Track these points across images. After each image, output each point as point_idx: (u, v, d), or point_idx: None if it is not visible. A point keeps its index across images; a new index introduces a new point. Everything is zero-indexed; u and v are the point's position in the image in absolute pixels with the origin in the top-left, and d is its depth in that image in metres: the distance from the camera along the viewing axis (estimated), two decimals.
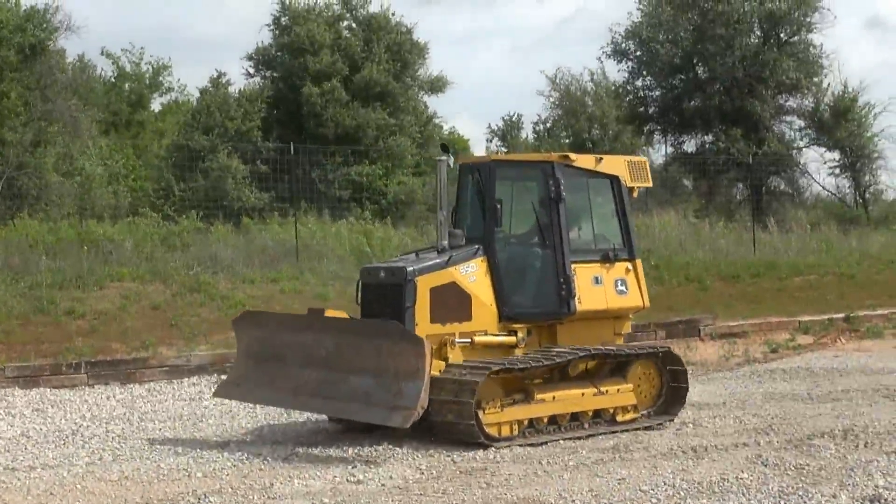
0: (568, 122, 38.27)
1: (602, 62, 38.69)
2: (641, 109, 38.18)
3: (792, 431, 11.71)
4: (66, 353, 16.25)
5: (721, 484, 9.30)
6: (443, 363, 11.57)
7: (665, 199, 32.82)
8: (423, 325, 11.65)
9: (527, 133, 43.66)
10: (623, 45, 37.63)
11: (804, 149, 37.76)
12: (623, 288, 12.95)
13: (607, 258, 12.84)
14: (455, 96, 74.68)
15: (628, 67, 37.96)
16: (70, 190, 28.76)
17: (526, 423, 11.64)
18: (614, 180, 13.01)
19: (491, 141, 46.64)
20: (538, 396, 11.74)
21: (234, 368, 12.90)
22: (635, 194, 13.31)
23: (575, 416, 12.03)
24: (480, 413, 11.20)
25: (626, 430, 12.04)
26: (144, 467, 10.52)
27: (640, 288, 13.11)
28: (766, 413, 12.99)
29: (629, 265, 13.01)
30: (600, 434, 11.88)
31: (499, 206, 12.25)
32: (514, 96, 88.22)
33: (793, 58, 35.62)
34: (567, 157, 12.79)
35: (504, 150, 40.31)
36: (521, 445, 11.31)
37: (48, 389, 15.43)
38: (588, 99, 38.31)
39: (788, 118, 37.47)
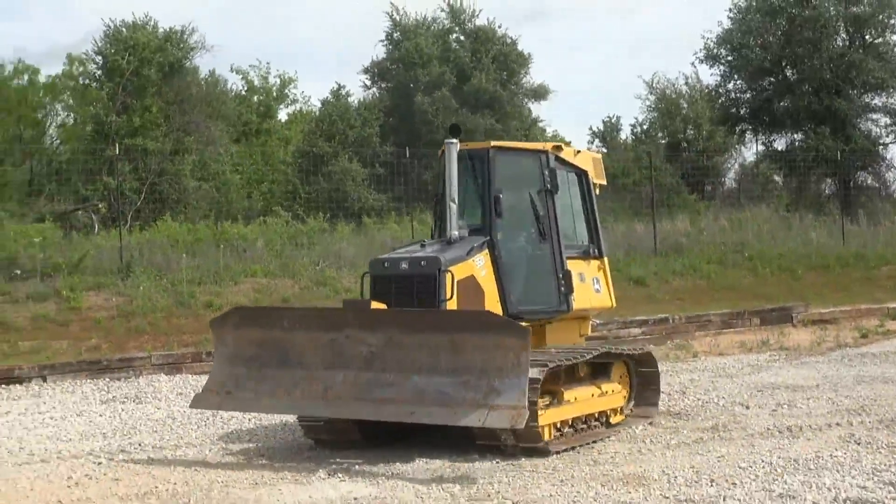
0: (664, 123, 37.86)
1: (696, 67, 38.25)
2: (734, 111, 37.83)
3: (883, 412, 11.45)
4: (206, 342, 16.54)
5: (816, 461, 9.13)
6: None
7: (756, 195, 32.46)
8: None
9: (625, 134, 43.33)
10: (715, 50, 37.29)
11: (890, 144, 37.26)
12: (598, 287, 11.60)
13: (587, 255, 11.56)
14: (557, 102, 74.99)
15: (720, 71, 37.77)
16: (206, 194, 29.39)
17: (559, 424, 10.19)
18: (584, 175, 11.67)
19: (591, 142, 46.32)
20: (566, 398, 10.30)
21: (217, 373, 10.23)
22: (597, 192, 11.89)
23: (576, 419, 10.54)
24: None
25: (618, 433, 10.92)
26: (278, 445, 10.80)
27: (608, 288, 11.83)
28: (858, 395, 12.73)
29: (599, 263, 11.73)
30: (601, 439, 10.61)
31: (500, 197, 10.67)
32: (612, 101, 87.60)
33: (878, 58, 35.03)
34: (560, 147, 11.47)
35: (604, 150, 40.02)
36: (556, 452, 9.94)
37: (190, 375, 15.75)
38: (683, 101, 37.86)
39: (874, 116, 36.89)
